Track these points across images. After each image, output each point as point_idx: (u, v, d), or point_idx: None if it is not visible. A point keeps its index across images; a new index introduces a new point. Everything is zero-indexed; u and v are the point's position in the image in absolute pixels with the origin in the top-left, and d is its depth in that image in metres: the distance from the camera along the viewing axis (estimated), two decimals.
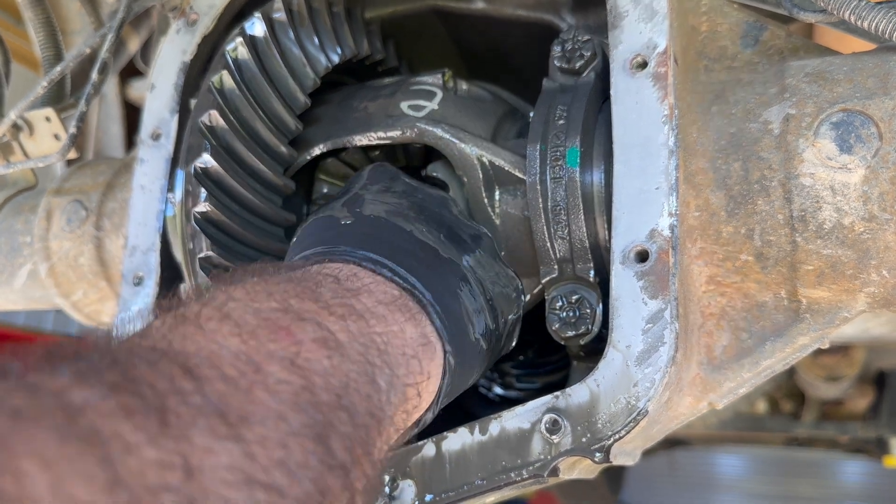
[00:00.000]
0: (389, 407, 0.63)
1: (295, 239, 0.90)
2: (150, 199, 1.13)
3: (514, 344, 0.96)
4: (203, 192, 0.94)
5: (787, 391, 3.45)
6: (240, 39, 1.01)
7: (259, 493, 0.47)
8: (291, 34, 1.04)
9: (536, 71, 1.02)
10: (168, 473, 0.42)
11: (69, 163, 1.56)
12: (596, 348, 0.87)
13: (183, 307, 0.57)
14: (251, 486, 0.46)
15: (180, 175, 0.99)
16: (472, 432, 0.87)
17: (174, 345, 0.51)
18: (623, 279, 0.82)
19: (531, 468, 0.83)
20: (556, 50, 0.97)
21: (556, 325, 0.90)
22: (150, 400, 0.44)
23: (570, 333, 0.89)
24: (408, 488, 0.89)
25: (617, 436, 0.80)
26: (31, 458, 0.38)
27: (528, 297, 0.97)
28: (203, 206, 0.93)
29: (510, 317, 0.92)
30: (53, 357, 0.46)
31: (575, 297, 0.90)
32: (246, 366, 0.51)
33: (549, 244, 0.91)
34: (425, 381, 0.70)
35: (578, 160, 0.89)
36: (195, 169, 0.95)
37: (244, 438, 0.47)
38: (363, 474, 0.56)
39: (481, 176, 0.96)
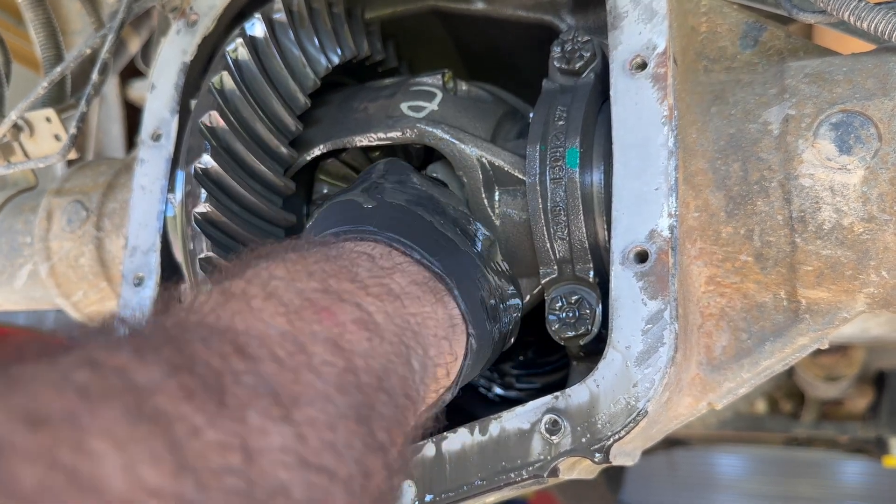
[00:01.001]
0: (423, 387, 0.65)
1: (313, 221, 0.90)
2: (150, 199, 1.13)
3: (512, 342, 0.96)
4: (203, 193, 0.94)
5: (787, 391, 3.45)
6: (240, 40, 1.01)
7: (312, 476, 0.47)
8: (291, 35, 1.04)
9: (536, 71, 1.02)
10: (229, 455, 0.43)
11: (69, 163, 1.56)
12: (595, 349, 0.87)
13: (227, 282, 0.58)
14: (304, 468, 0.47)
15: (181, 176, 0.99)
16: (472, 432, 0.87)
17: (223, 321, 0.52)
18: (622, 280, 0.83)
19: (531, 468, 0.83)
20: (556, 51, 0.97)
21: (556, 326, 0.90)
22: (208, 380, 0.45)
23: (570, 334, 0.89)
24: (408, 489, 0.89)
25: (617, 436, 0.80)
26: (104, 438, 0.38)
27: (527, 297, 0.98)
28: (203, 207, 0.93)
29: (514, 315, 0.94)
30: (108, 331, 0.47)
31: (574, 298, 0.90)
32: (293, 346, 0.52)
33: (548, 245, 0.91)
34: (453, 361, 0.72)
35: (578, 161, 0.89)
36: (195, 169, 0.95)
37: (295, 420, 0.48)
38: (399, 454, 0.58)
39: (481, 176, 0.96)
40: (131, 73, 1.82)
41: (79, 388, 0.39)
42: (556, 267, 0.92)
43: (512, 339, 0.96)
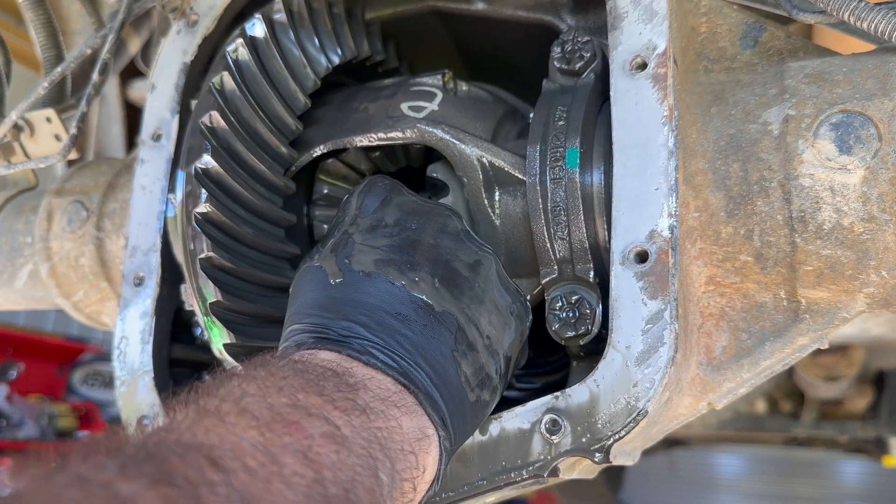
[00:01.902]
0: (390, 501, 0.67)
1: (291, 290, 0.91)
2: (150, 199, 1.13)
3: (523, 362, 0.95)
4: (204, 193, 0.94)
5: (787, 391, 3.45)
6: (240, 40, 1.01)
7: None
8: (292, 35, 1.04)
9: (536, 72, 1.02)
10: None
11: (70, 163, 1.56)
12: (596, 349, 0.87)
13: (202, 400, 0.62)
14: None
15: (181, 176, 0.99)
16: None
17: (199, 437, 0.56)
18: (623, 280, 0.83)
19: (531, 468, 0.83)
20: (556, 51, 0.97)
21: (556, 326, 0.90)
22: (186, 490, 0.49)
23: (570, 334, 0.89)
24: None
25: (617, 436, 0.80)
26: None
27: (528, 297, 0.98)
28: (204, 207, 0.94)
29: (514, 353, 0.90)
30: (95, 451, 0.52)
31: (575, 298, 0.90)
32: (264, 457, 0.56)
33: (548, 245, 0.91)
34: (420, 475, 0.73)
35: (578, 161, 0.89)
36: (196, 170, 0.95)
37: None
38: None
39: (481, 177, 0.96)
40: (131, 73, 1.82)
41: (69, 502, 0.44)
42: (556, 267, 0.92)
43: (523, 360, 0.94)
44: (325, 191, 1.12)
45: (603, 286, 0.90)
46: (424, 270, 0.84)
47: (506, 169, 0.96)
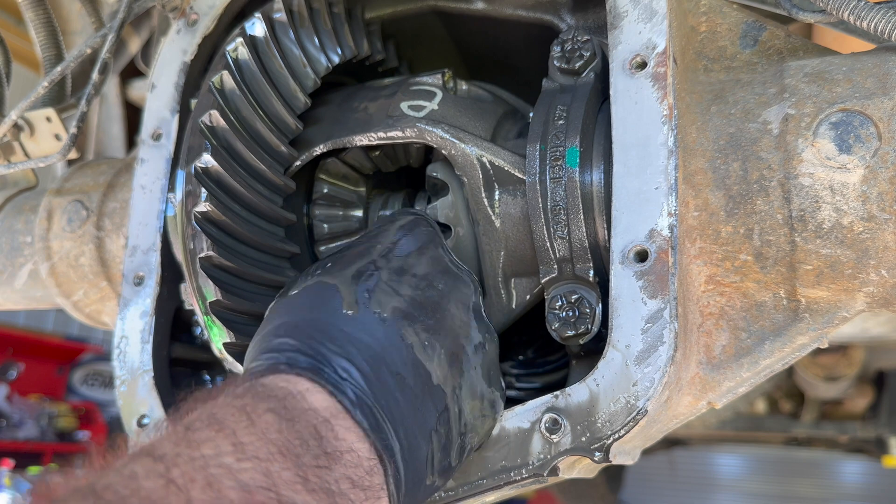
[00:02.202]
0: None
1: (293, 292, 0.88)
2: (150, 199, 1.13)
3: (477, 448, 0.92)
4: (204, 192, 0.94)
5: (787, 391, 3.46)
6: (240, 40, 1.01)
7: None
8: (292, 34, 1.04)
9: (536, 71, 1.02)
10: None
11: (70, 163, 1.56)
12: (595, 348, 0.87)
13: (171, 453, 0.61)
14: None
15: (181, 175, 0.99)
16: None
17: None
18: (622, 279, 0.83)
19: (531, 467, 0.83)
20: (556, 50, 0.97)
21: (556, 325, 0.90)
22: None
23: (570, 333, 0.89)
24: None
25: (616, 435, 0.80)
26: None
27: (528, 297, 0.98)
28: (203, 206, 0.94)
29: (476, 446, 0.89)
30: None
31: (574, 297, 0.90)
32: None
33: (548, 244, 0.91)
34: None
35: (578, 160, 0.89)
36: (196, 169, 0.95)
37: None
38: None
39: (481, 176, 0.96)
40: (131, 72, 1.82)
41: None
42: (555, 266, 0.92)
43: (477, 447, 0.90)
44: (325, 190, 1.12)
45: (603, 285, 0.90)
46: (437, 338, 0.83)
47: (506, 168, 0.96)
